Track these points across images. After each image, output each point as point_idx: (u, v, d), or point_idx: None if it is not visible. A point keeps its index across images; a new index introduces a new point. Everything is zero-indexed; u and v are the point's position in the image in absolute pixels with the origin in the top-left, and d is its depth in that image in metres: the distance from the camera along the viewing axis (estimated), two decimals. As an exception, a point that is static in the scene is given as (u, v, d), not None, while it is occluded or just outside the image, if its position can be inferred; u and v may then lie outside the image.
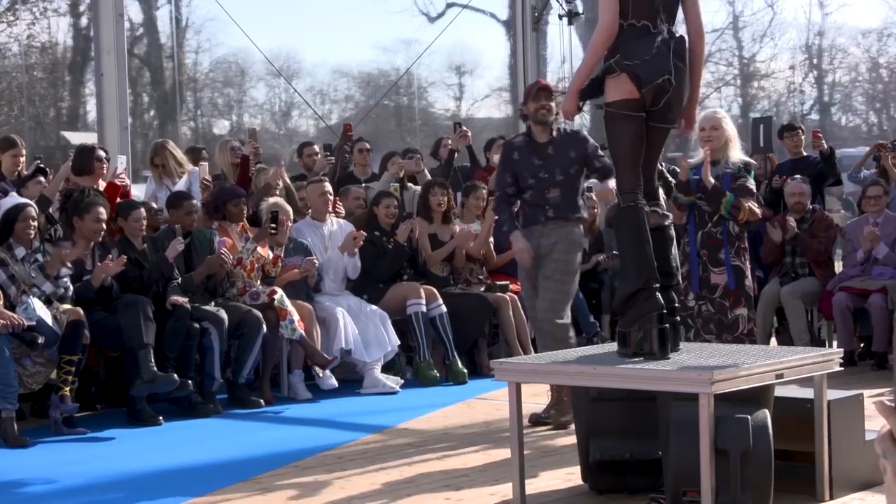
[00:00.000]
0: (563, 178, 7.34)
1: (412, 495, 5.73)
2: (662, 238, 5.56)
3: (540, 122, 7.36)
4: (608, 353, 5.61)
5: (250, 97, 44.23)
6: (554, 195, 7.32)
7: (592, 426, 5.59)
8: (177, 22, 37.00)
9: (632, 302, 5.31)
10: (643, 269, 5.33)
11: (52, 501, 5.94)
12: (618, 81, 5.35)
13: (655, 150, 5.59)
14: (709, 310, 7.27)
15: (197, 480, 6.22)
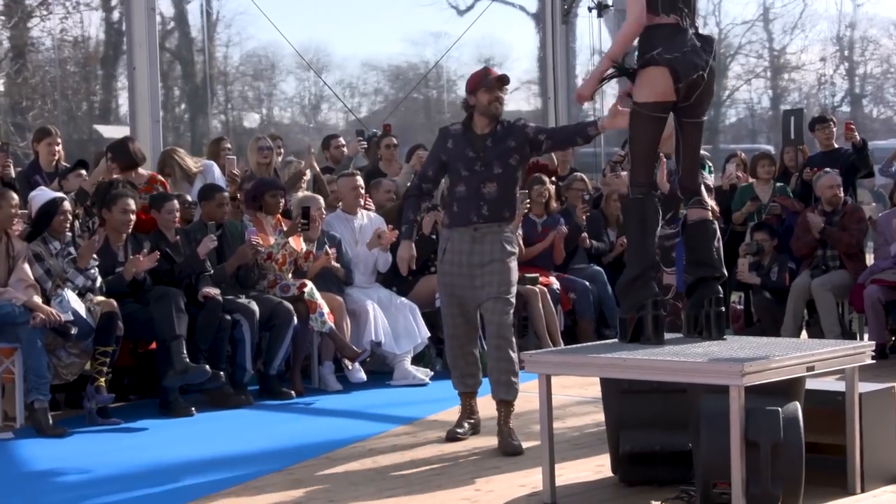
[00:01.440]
0: (500, 172, 6.79)
1: (443, 487, 5.74)
2: (704, 231, 5.68)
3: (490, 114, 6.78)
4: (637, 346, 5.60)
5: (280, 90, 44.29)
6: (490, 190, 6.77)
7: (622, 418, 5.59)
8: (207, 16, 37.06)
9: (630, 289, 5.52)
10: (643, 257, 5.56)
11: (87, 490, 5.97)
12: (653, 77, 5.42)
13: (693, 146, 5.69)
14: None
15: (229, 471, 6.25)
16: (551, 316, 9.90)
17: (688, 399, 5.21)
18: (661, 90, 5.45)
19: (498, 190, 6.76)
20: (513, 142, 6.81)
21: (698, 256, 5.68)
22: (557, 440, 5.59)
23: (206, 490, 5.83)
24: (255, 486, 5.93)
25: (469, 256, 6.73)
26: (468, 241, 6.74)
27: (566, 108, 15.29)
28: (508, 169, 6.80)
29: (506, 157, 6.79)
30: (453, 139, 6.87)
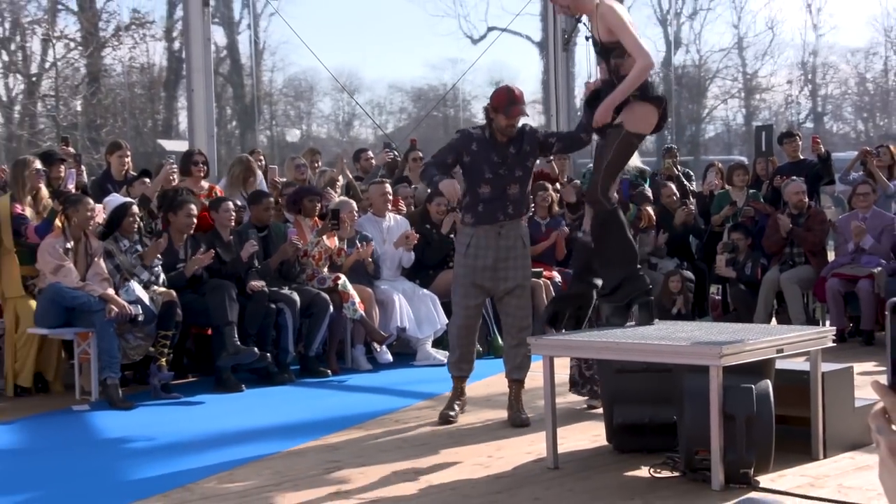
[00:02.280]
0: (521, 174, 6.64)
1: (460, 453, 5.74)
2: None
3: (506, 135, 6.56)
4: (629, 331, 5.60)
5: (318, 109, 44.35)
6: (514, 191, 6.62)
7: (616, 394, 5.58)
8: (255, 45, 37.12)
9: (623, 283, 5.65)
10: (633, 257, 5.73)
11: (152, 456, 5.98)
12: (647, 112, 5.59)
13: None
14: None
15: (274, 439, 6.24)
16: (554, 305, 9.87)
17: (673, 377, 5.19)
18: (651, 124, 5.63)
19: (519, 191, 6.64)
20: (528, 146, 6.66)
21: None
22: (559, 413, 5.59)
23: (254, 455, 5.83)
24: (296, 453, 5.93)
25: (496, 251, 6.61)
26: (493, 237, 6.62)
27: (566, 124, 15.26)
28: (527, 171, 6.70)
29: (524, 160, 6.65)
30: (477, 142, 6.61)
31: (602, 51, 5.69)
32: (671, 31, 37.50)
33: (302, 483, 5.23)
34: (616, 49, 5.61)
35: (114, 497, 5.06)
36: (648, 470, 5.17)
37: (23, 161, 8.44)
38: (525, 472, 5.34)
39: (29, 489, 5.31)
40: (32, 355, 7.96)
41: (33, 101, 31.98)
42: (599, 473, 5.28)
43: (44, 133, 29.91)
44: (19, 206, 8.07)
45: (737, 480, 4.84)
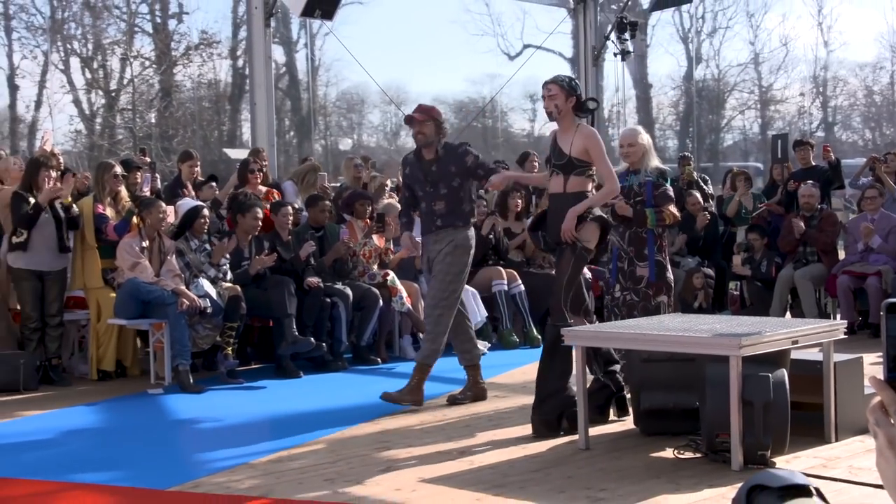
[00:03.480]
0: (446, 192, 6.59)
1: (499, 435, 5.73)
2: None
3: (418, 144, 6.64)
4: (655, 323, 5.56)
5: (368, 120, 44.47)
6: (440, 206, 6.60)
7: (643, 381, 5.54)
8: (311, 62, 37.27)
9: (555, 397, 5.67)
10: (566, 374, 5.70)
11: (219, 435, 6.03)
12: (594, 229, 5.78)
13: None
14: (633, 298, 6.62)
15: (329, 421, 6.26)
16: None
17: (696, 366, 5.15)
18: (597, 238, 5.84)
19: (446, 207, 6.61)
20: (453, 167, 6.62)
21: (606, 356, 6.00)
22: (590, 398, 5.56)
23: (312, 436, 5.86)
24: (350, 434, 5.94)
25: (432, 254, 6.66)
26: (430, 244, 6.67)
27: (596, 134, 15.21)
28: (453, 189, 6.61)
29: (449, 179, 6.61)
30: (410, 166, 6.75)
31: (566, 165, 5.78)
32: (692, 48, 37.26)
33: (354, 461, 5.24)
34: (580, 168, 5.79)
35: (186, 472, 5.09)
36: (673, 451, 5.14)
37: (105, 165, 8.55)
38: (559, 453, 5.32)
39: (110, 464, 5.37)
40: (113, 343, 8.05)
41: (112, 115, 32.37)
42: (627, 454, 5.24)
43: (122, 143, 30.22)
44: (101, 206, 8.17)
45: (755, 461, 4.80)
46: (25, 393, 7.48)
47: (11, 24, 33.57)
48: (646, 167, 6.77)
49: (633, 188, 6.73)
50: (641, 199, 6.67)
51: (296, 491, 4.70)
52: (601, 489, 4.59)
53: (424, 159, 6.66)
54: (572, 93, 5.79)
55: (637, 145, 6.76)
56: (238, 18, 35.18)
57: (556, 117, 5.82)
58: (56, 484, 5.00)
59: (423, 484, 4.78)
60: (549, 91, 5.78)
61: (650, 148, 6.86)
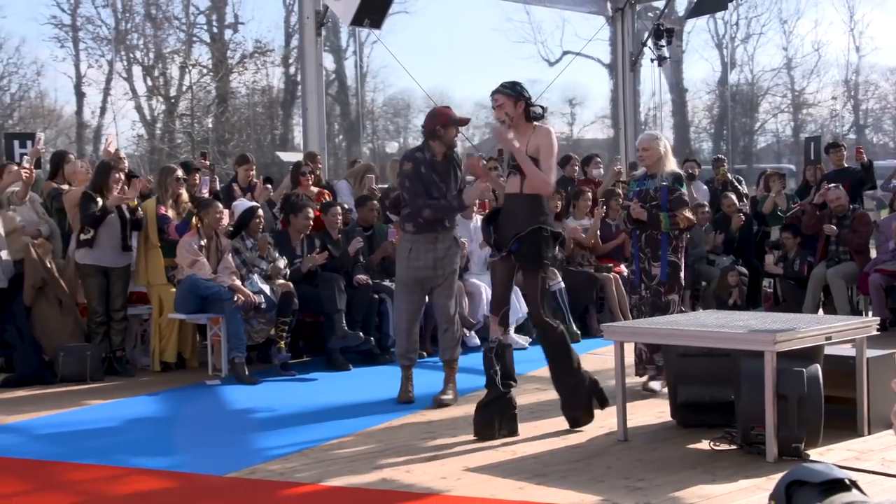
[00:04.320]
0: (458, 193, 6.56)
1: (540, 427, 5.70)
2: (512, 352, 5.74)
3: (451, 145, 6.51)
4: (692, 319, 5.51)
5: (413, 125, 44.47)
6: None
7: (679, 375, 5.49)
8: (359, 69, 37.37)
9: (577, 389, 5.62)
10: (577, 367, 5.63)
11: (273, 424, 6.06)
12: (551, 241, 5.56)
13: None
14: (648, 295, 6.69)
15: (377, 412, 6.28)
16: (622, 297, 9.76)
17: (731, 361, 5.10)
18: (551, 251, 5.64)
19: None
20: (458, 171, 6.60)
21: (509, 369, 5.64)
22: (628, 392, 5.52)
23: (361, 425, 5.88)
24: (396, 425, 5.95)
25: (434, 253, 6.50)
26: (432, 242, 6.49)
27: (633, 137, 15.10)
28: (459, 192, 6.56)
29: (457, 181, 6.57)
30: (423, 165, 6.47)
31: (518, 166, 5.57)
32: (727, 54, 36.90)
33: (402, 450, 5.25)
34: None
35: (242, 459, 5.12)
36: (709, 443, 5.09)
37: (167, 169, 8.66)
38: (598, 444, 5.28)
39: (170, 451, 5.42)
40: (174, 336, 8.13)
41: (172, 120, 32.72)
42: (665, 446, 5.20)
43: (180, 147, 30.52)
44: (163, 207, 8.26)
45: (789, 453, 4.75)
46: (92, 383, 7.58)
47: (79, 35, 34.06)
48: (662, 172, 6.67)
49: (649, 192, 6.66)
50: (657, 203, 6.62)
51: (346, 478, 4.72)
52: (639, 479, 4.56)
53: (437, 160, 6.51)
54: (520, 97, 5.59)
55: (652, 150, 6.67)
56: (290, 28, 35.40)
57: (510, 125, 5.59)
58: (120, 469, 5.06)
59: (467, 473, 4.77)
60: (497, 101, 5.60)
61: (667, 153, 6.73)
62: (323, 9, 12.04)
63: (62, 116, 39.29)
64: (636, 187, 6.86)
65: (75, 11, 34.84)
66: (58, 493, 4.67)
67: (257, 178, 9.76)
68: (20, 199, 7.80)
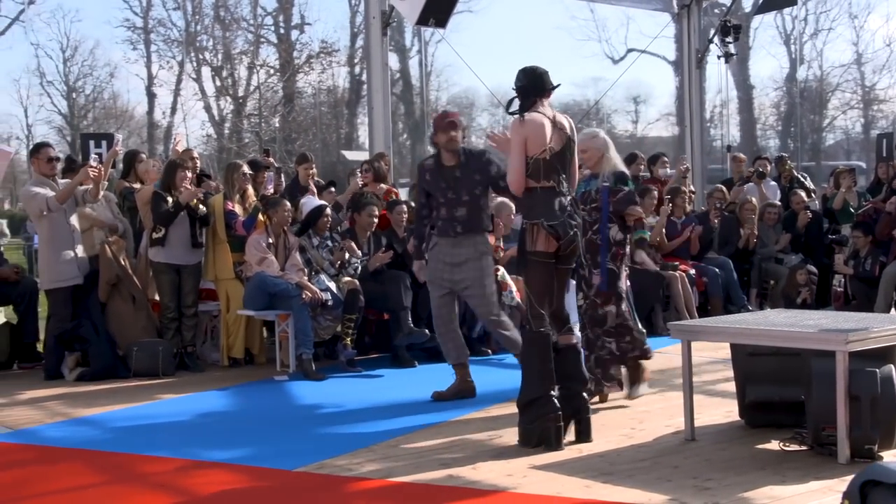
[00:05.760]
0: (468, 199, 6.41)
1: (607, 425, 5.66)
2: (575, 353, 5.45)
3: (449, 150, 6.43)
4: (761, 318, 5.42)
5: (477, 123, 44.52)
6: (461, 213, 6.42)
7: (748, 375, 5.41)
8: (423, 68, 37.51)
9: (535, 405, 5.18)
10: (545, 380, 5.19)
11: (340, 420, 6.10)
12: (540, 237, 5.21)
13: (562, 285, 5.45)
14: (585, 306, 6.26)
15: (443, 409, 6.29)
16: (688, 295, 9.67)
17: (801, 360, 5.01)
18: (546, 246, 5.23)
19: (468, 213, 6.43)
20: (478, 175, 6.44)
21: (568, 371, 5.35)
22: (695, 391, 5.44)
23: (427, 422, 5.89)
24: (462, 421, 5.96)
25: (451, 257, 6.48)
26: (450, 246, 6.48)
27: (699, 134, 14.92)
28: (474, 197, 6.43)
29: (473, 186, 6.42)
30: (429, 173, 6.51)
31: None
32: (795, 50, 36.28)
33: (467, 447, 5.25)
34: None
35: (309, 454, 5.17)
36: (779, 443, 5.00)
37: (234, 165, 8.77)
38: (665, 443, 5.23)
39: (239, 445, 5.49)
40: (242, 332, 8.24)
41: (240, 119, 33.17)
42: (733, 445, 5.13)
43: (248, 146, 30.93)
44: (230, 203, 8.37)
45: (861, 455, 4.64)
46: (163, 378, 7.72)
47: (150, 37, 34.69)
48: (604, 172, 6.19)
49: (590, 194, 6.19)
50: (597, 205, 6.15)
51: (413, 474, 4.74)
52: (707, 479, 4.50)
53: (445, 166, 6.45)
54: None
55: (590, 150, 6.19)
56: (355, 28, 35.65)
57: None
58: (192, 461, 5.14)
59: (533, 470, 4.76)
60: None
61: (608, 151, 6.22)
62: (389, 9, 12.09)
63: (134, 117, 40.08)
64: (582, 188, 6.27)
65: (147, 14, 35.51)
66: (132, 484, 4.76)
67: (319, 177, 9.84)
68: (93, 197, 7.97)
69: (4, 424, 6.18)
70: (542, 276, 5.26)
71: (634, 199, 6.23)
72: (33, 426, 6.12)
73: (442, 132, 6.47)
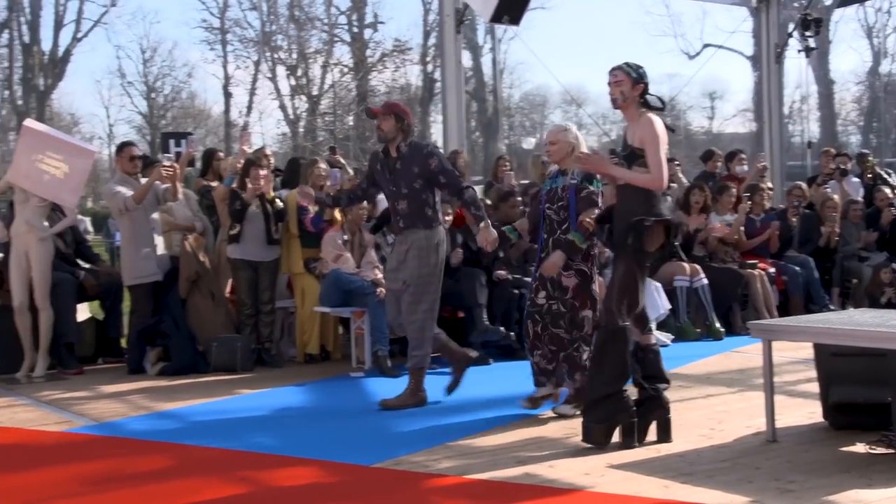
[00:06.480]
0: (408, 192, 6.23)
1: (685, 425, 5.58)
2: (654, 353, 5.35)
3: (380, 140, 6.32)
4: (845, 317, 5.30)
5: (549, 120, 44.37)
6: (402, 206, 6.26)
7: (831, 375, 5.29)
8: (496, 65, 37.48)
9: (605, 402, 5.08)
10: (620, 378, 5.11)
11: (416, 417, 6.11)
12: (658, 231, 5.12)
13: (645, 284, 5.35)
14: (559, 309, 5.90)
15: (519, 407, 6.24)
16: (768, 294, 9.51)
17: (887, 362, 4.88)
18: (657, 243, 5.16)
19: (408, 206, 6.26)
20: (416, 168, 6.24)
21: (650, 372, 5.28)
22: (776, 392, 5.34)
23: (503, 419, 5.88)
24: (538, 420, 5.93)
25: (397, 255, 6.38)
26: (397, 244, 6.40)
27: (778, 130, 14.64)
28: (414, 191, 6.25)
29: (411, 180, 6.24)
30: (379, 162, 6.39)
31: (629, 156, 5.25)
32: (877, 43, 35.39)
33: (544, 445, 5.23)
34: (641, 159, 5.18)
35: (385, 450, 5.20)
36: (865, 446, 4.88)
37: (309, 161, 8.87)
38: (745, 444, 5.14)
39: (317, 440, 5.55)
40: (317, 329, 8.32)
41: (314, 118, 33.53)
42: (816, 448, 5.02)
43: (323, 144, 31.25)
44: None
45: (952, 460, 4.51)
46: (241, 373, 7.83)
47: (227, 37, 35.25)
48: (572, 169, 5.92)
49: (557, 192, 5.96)
50: (564, 204, 5.92)
51: (489, 472, 4.73)
52: (790, 481, 4.42)
53: (390, 157, 6.33)
54: (639, 81, 5.30)
55: (560, 143, 5.97)
56: (428, 26, 35.78)
57: (621, 105, 5.31)
58: (269, 455, 5.21)
59: (611, 469, 4.72)
60: (616, 77, 5.30)
61: (579, 147, 5.94)
62: (462, 6, 12.11)
63: (211, 116, 40.83)
64: (548, 185, 6.10)
65: (224, 15, 36.10)
66: (212, 477, 4.84)
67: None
68: (172, 196, 8.12)
69: (89, 417, 6.34)
70: (641, 275, 5.20)
71: (596, 202, 5.87)
72: (117, 419, 6.27)
73: (378, 122, 6.32)
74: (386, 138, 6.30)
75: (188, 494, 4.52)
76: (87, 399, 6.97)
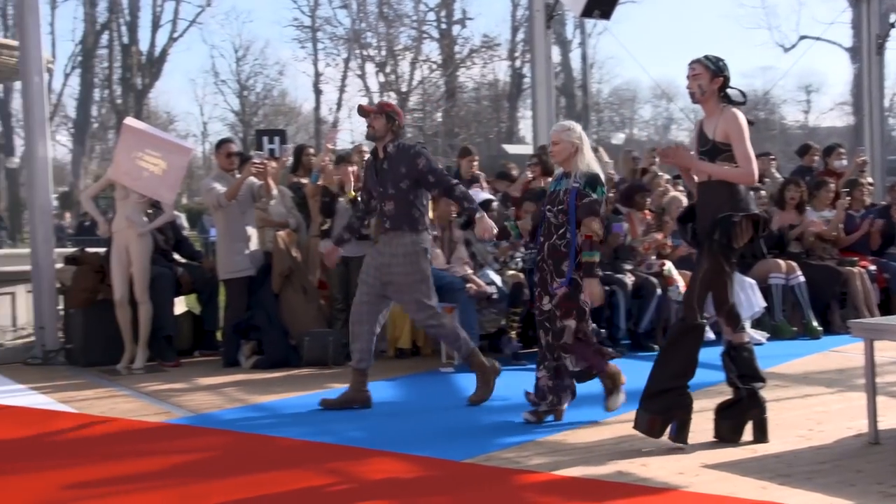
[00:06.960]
0: (394, 192, 6.16)
1: (780, 426, 5.45)
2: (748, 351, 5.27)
3: (369, 138, 6.26)
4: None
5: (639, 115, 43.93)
6: (389, 208, 6.19)
7: (937, 377, 5.12)
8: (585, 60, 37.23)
9: (666, 393, 5.01)
10: (687, 373, 5.06)
11: (507, 413, 6.09)
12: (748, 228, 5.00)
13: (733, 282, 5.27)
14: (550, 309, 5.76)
15: (609, 404, 6.20)
16: (868, 292, 9.24)
17: None
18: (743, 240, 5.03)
19: (395, 207, 6.19)
20: (403, 168, 6.18)
21: (744, 371, 5.16)
22: (878, 392, 5.19)
23: (594, 416, 5.84)
24: (630, 418, 5.83)
25: (380, 256, 6.32)
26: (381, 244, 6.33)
27: (879, 123, 14.21)
28: (401, 191, 6.18)
29: (398, 180, 6.16)
30: (369, 165, 6.41)
31: (711, 150, 5.08)
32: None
33: (636, 443, 5.17)
34: (725, 153, 5.03)
35: (478, 446, 5.20)
36: (972, 451, 4.71)
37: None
38: (846, 446, 5.01)
39: (408, 435, 5.58)
40: (408, 324, 8.37)
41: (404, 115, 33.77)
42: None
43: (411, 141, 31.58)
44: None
45: None
46: (333, 367, 7.93)
47: (317, 35, 35.74)
48: (575, 171, 5.67)
49: (558, 195, 5.72)
50: (563, 208, 5.66)
51: (581, 468, 4.70)
52: (893, 485, 4.28)
53: (378, 158, 6.31)
54: (718, 73, 5.11)
55: (562, 143, 5.69)
56: (516, 21, 35.70)
57: (699, 99, 5.14)
58: (360, 449, 5.25)
59: (705, 469, 4.64)
60: (694, 70, 5.14)
61: (583, 148, 5.71)
62: (553, 1, 12.04)
63: (301, 113, 41.45)
64: (552, 187, 5.86)
65: (314, 13, 36.59)
66: (303, 469, 4.90)
67: (481, 170, 9.90)
68: (266, 192, 8.25)
69: (187, 408, 6.50)
70: (729, 271, 5.10)
71: (597, 211, 5.61)
72: (213, 411, 6.40)
73: (367, 122, 6.33)
74: (375, 137, 6.30)
75: (279, 485, 4.59)
76: (184, 391, 7.14)
